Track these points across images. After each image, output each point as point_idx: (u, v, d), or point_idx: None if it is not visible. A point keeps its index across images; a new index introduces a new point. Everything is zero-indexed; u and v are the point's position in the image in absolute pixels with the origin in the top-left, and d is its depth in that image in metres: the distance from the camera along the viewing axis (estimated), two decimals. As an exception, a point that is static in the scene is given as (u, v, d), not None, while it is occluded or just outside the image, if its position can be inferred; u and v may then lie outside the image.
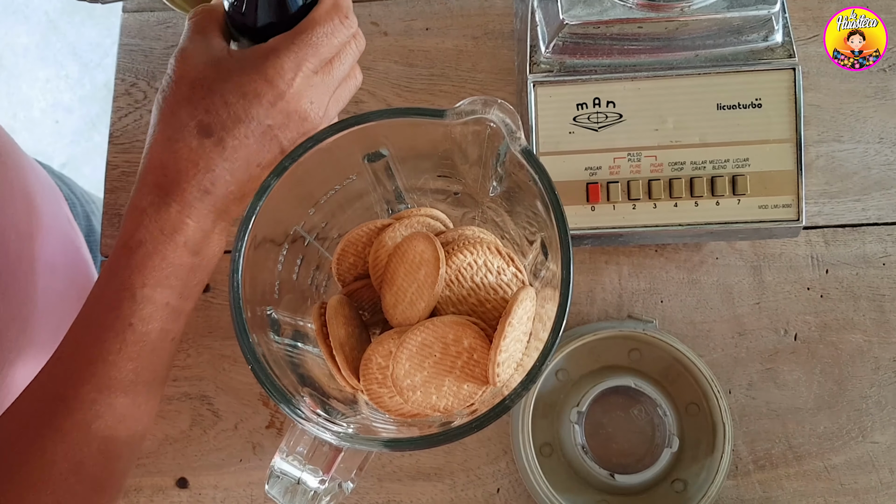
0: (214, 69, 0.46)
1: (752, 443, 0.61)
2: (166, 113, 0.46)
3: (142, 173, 0.47)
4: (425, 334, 0.45)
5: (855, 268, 0.63)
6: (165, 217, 0.45)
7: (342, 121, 0.42)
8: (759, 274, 0.64)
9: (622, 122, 0.57)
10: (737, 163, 0.56)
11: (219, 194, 0.46)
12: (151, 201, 0.45)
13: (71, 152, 1.91)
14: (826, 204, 0.64)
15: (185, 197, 0.45)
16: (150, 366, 0.48)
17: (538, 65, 0.57)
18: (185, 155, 0.45)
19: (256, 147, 0.46)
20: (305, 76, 0.47)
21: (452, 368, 0.45)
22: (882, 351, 0.62)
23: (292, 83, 0.46)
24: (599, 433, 0.60)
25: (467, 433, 0.38)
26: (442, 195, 0.53)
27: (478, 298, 0.48)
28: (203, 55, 0.47)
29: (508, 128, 0.40)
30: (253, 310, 0.42)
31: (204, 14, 0.50)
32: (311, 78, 0.47)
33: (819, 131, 0.65)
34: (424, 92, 0.69)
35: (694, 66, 0.56)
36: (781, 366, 0.62)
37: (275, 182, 0.42)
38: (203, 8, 0.51)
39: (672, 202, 0.57)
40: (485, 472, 0.61)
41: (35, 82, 1.96)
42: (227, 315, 0.66)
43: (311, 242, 0.50)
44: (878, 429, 0.61)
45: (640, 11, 0.53)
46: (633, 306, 0.64)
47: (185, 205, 0.45)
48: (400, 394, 0.45)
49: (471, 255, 0.47)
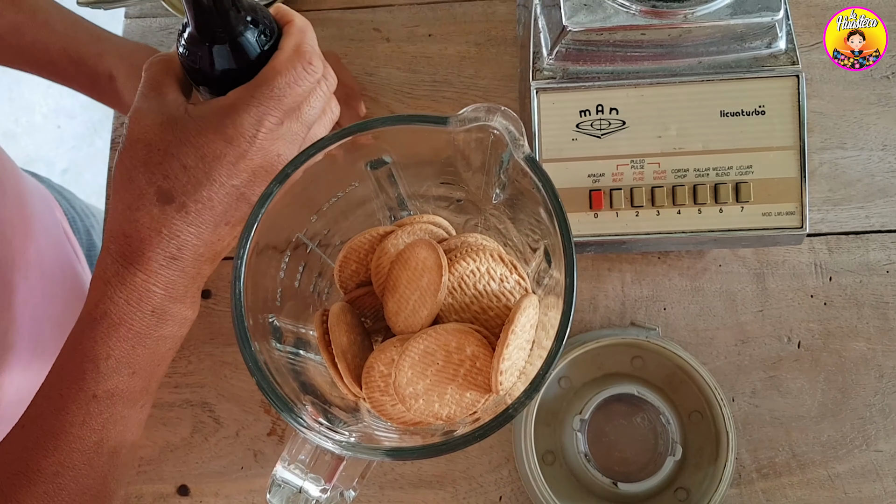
0: (171, 130, 0.44)
1: (755, 451, 0.60)
2: (124, 178, 0.44)
3: (105, 241, 0.45)
4: (428, 342, 0.45)
5: (858, 275, 0.63)
6: (131, 286, 0.43)
7: (345, 128, 0.42)
8: (763, 281, 0.63)
9: (625, 129, 0.57)
10: (740, 170, 0.56)
11: (187, 259, 0.45)
12: (116, 271, 0.43)
13: (72, 158, 1.91)
14: (829, 211, 0.64)
15: (151, 265, 0.43)
16: (117, 436, 0.45)
17: (541, 71, 0.57)
18: (147, 223, 0.43)
19: (223, 208, 0.45)
20: (269, 130, 0.44)
21: (455, 376, 0.45)
22: (886, 359, 0.61)
23: (254, 140, 0.44)
24: (602, 441, 0.59)
25: (470, 442, 0.37)
26: (444, 202, 0.53)
27: (480, 306, 0.47)
28: (158, 114, 0.44)
29: (512, 135, 0.40)
30: (255, 317, 0.41)
31: (160, 65, 0.47)
32: (275, 131, 0.45)
33: (822, 138, 0.65)
34: (427, 98, 0.69)
35: (697, 73, 0.56)
36: (785, 374, 0.62)
37: (277, 189, 0.42)
38: (158, 58, 0.47)
39: (675, 209, 0.57)
40: (487, 480, 0.61)
41: (37, 87, 1.96)
42: (229, 322, 0.65)
43: (314, 249, 0.50)
44: (883, 437, 0.60)
45: (643, 18, 0.53)
46: (636, 314, 0.63)
47: (150, 273, 0.43)
48: (402, 402, 0.44)
49: (473, 263, 0.47)
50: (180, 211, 0.43)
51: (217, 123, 0.43)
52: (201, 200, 0.43)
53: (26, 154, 1.92)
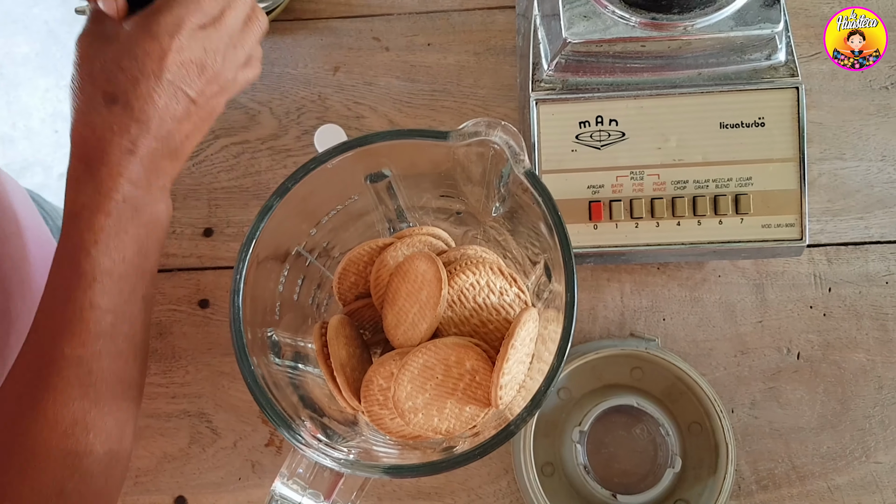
0: (108, 42, 0.48)
1: (754, 463, 0.60)
2: (77, 93, 0.48)
3: (71, 148, 0.49)
4: (427, 356, 0.45)
5: (858, 286, 0.63)
6: (98, 180, 0.47)
7: (345, 142, 0.42)
8: (762, 292, 0.63)
9: (625, 141, 0.57)
10: (740, 182, 0.56)
11: (143, 152, 0.48)
12: (83, 170, 0.48)
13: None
14: (829, 222, 0.64)
15: (110, 159, 0.47)
16: (128, 318, 0.49)
17: (541, 82, 0.57)
18: (100, 124, 0.47)
19: (164, 102, 0.48)
20: (190, 31, 0.48)
21: (454, 391, 0.44)
22: (885, 370, 0.61)
23: (175, 36, 0.47)
24: (601, 453, 0.59)
25: (470, 460, 0.37)
26: (444, 214, 0.52)
27: (480, 319, 0.47)
28: (100, 34, 0.49)
29: (512, 150, 0.40)
30: (253, 332, 0.41)
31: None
32: (197, 32, 0.48)
33: (822, 149, 0.65)
34: (426, 107, 0.68)
35: (697, 85, 0.56)
36: (784, 385, 0.62)
37: (277, 202, 0.42)
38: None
39: (675, 221, 0.57)
40: (486, 491, 0.61)
41: (35, 91, 1.96)
42: (226, 331, 0.65)
43: (313, 262, 0.50)
44: (882, 449, 0.60)
45: (642, 30, 0.53)
46: (636, 324, 0.63)
47: (112, 166, 0.47)
48: (401, 416, 0.44)
49: (473, 276, 0.47)
50: (126, 108, 0.47)
51: (143, 24, 0.47)
52: (141, 97, 0.47)
53: (23, 158, 1.91)
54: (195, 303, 0.66)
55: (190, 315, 0.66)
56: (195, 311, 0.66)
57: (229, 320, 0.40)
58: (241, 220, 0.67)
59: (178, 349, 0.65)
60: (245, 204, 0.68)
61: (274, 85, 0.70)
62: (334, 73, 0.70)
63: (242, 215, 0.68)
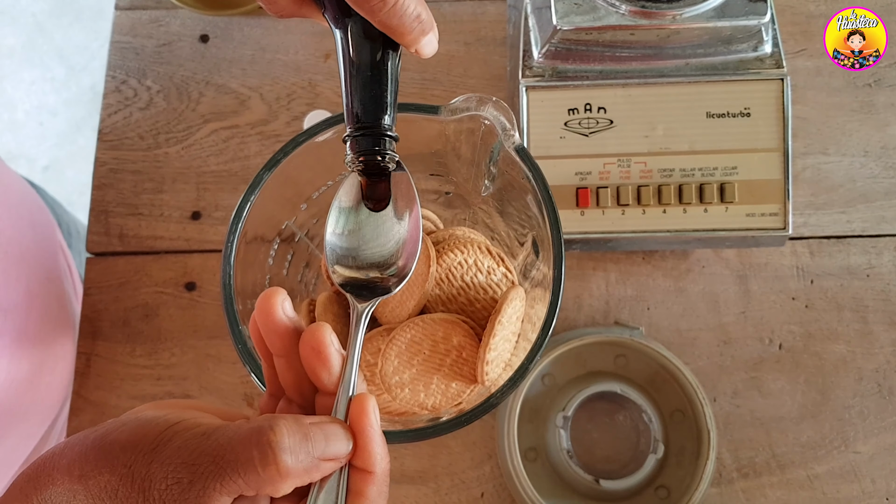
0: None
1: (735, 451, 0.61)
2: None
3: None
4: (414, 332, 0.45)
5: (840, 279, 0.64)
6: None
7: (335, 116, 0.42)
8: (745, 283, 0.64)
9: (613, 128, 0.57)
10: (725, 171, 0.57)
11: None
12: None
13: (55, 155, 1.89)
14: (812, 215, 0.65)
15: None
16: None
17: (531, 69, 0.58)
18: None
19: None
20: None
21: (441, 366, 0.45)
22: (865, 362, 0.62)
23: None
24: (585, 438, 0.60)
25: (455, 427, 0.38)
26: (433, 195, 0.53)
27: (467, 297, 0.48)
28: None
29: (502, 125, 0.40)
30: (244, 302, 0.41)
31: None
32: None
33: (805, 143, 0.66)
34: (416, 96, 0.69)
35: (685, 75, 0.57)
36: (766, 375, 0.62)
37: (267, 176, 0.42)
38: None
39: (661, 208, 0.57)
40: (469, 476, 0.61)
41: (20, 84, 1.95)
42: (213, 314, 0.65)
43: (302, 238, 0.50)
44: (861, 439, 0.61)
45: (632, 18, 0.54)
46: (620, 313, 0.64)
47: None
48: (388, 391, 0.44)
49: (461, 255, 0.47)
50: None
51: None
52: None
53: (7, 150, 1.90)
54: (182, 285, 0.66)
55: (176, 298, 0.65)
56: (181, 294, 0.66)
57: (220, 291, 0.40)
58: (230, 204, 0.68)
59: (164, 331, 0.65)
60: (234, 188, 0.68)
61: (264, 70, 0.70)
62: (325, 60, 0.70)
63: (231, 199, 0.68)
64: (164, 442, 0.28)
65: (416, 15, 0.35)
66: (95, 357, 0.64)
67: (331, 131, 0.43)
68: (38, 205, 0.71)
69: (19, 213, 0.64)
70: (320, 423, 0.30)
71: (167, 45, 0.72)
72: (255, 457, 0.27)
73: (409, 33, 0.35)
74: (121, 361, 0.64)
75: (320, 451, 0.29)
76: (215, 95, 0.70)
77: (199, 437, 0.28)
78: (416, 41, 0.36)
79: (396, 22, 0.34)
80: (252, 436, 0.28)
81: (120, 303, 0.66)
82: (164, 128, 0.69)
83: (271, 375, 0.34)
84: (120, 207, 0.68)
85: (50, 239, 0.70)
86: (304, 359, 0.32)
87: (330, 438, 0.29)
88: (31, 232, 0.65)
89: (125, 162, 0.69)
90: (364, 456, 0.30)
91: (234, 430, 0.28)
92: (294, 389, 0.33)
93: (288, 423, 0.28)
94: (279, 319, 0.31)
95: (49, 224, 0.72)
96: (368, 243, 0.37)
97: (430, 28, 0.37)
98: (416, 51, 0.37)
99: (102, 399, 0.63)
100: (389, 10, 0.34)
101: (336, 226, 0.37)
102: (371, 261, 0.36)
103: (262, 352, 0.33)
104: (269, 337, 0.32)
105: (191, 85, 0.70)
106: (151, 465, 0.27)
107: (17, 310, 0.58)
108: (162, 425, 0.29)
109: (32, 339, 0.60)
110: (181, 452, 0.27)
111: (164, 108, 0.70)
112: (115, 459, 0.28)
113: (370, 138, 0.36)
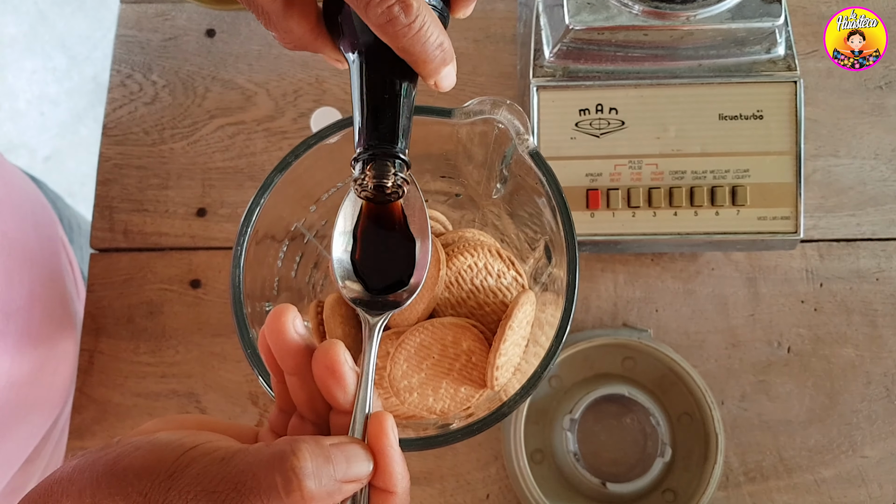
0: None
1: (743, 454, 0.61)
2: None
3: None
4: (424, 335, 0.45)
5: (849, 282, 0.63)
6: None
7: (344, 119, 0.42)
8: (754, 286, 0.64)
9: (624, 129, 0.57)
10: (737, 173, 0.56)
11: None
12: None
13: (56, 145, 1.88)
14: (822, 218, 0.64)
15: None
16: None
17: (542, 69, 0.57)
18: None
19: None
20: None
21: (450, 371, 0.44)
22: (874, 366, 0.62)
23: None
24: (592, 441, 0.59)
25: (466, 436, 0.37)
26: (443, 196, 0.52)
27: (477, 301, 0.47)
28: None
29: (517, 129, 0.40)
30: (252, 305, 0.41)
31: None
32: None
33: (816, 146, 0.66)
34: (423, 93, 0.68)
35: (697, 76, 0.56)
36: (774, 378, 0.62)
37: (278, 178, 0.42)
38: None
39: (672, 211, 0.57)
40: (475, 477, 0.61)
41: (21, 73, 1.94)
42: (218, 312, 0.65)
43: (311, 240, 0.50)
44: (869, 443, 0.61)
45: (645, 19, 0.53)
46: (629, 315, 0.63)
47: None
48: (396, 395, 0.44)
49: (471, 258, 0.47)
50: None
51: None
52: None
53: (8, 140, 1.89)
54: (187, 283, 0.65)
55: (181, 295, 0.65)
56: (186, 291, 0.65)
57: (230, 293, 0.40)
58: (235, 200, 0.67)
59: (169, 329, 0.64)
60: (239, 185, 0.67)
61: (271, 66, 0.70)
62: (332, 56, 0.69)
63: (237, 196, 0.67)
64: (181, 468, 0.27)
65: (439, 43, 0.34)
66: (98, 354, 0.64)
67: (341, 133, 0.42)
68: (41, 203, 0.71)
69: (22, 213, 0.63)
70: (340, 445, 0.29)
71: (173, 39, 0.71)
72: (279, 483, 0.26)
73: (431, 62, 0.34)
74: (124, 359, 0.64)
75: (342, 474, 0.28)
76: (221, 91, 0.70)
77: (218, 462, 0.27)
78: (436, 71, 0.35)
79: (419, 49, 0.33)
80: (274, 461, 0.27)
81: (124, 299, 0.65)
82: (170, 123, 0.69)
83: (281, 391, 0.33)
84: (124, 203, 0.67)
85: (52, 238, 0.70)
86: (317, 378, 0.31)
87: (351, 460, 0.29)
88: (35, 233, 0.64)
89: (130, 157, 0.68)
90: (385, 476, 0.30)
91: (254, 455, 0.27)
92: (307, 407, 0.32)
93: (310, 447, 0.28)
94: (291, 339, 0.31)
95: (51, 223, 0.72)
96: (378, 264, 0.36)
97: (451, 59, 0.35)
98: (434, 83, 0.35)
99: (105, 396, 0.63)
100: (413, 37, 0.32)
101: (345, 245, 0.36)
102: (383, 284, 0.36)
103: (272, 368, 0.33)
104: (281, 356, 0.31)
105: (197, 80, 0.70)
106: (169, 492, 0.27)
107: (21, 311, 0.58)
108: (178, 450, 0.28)
109: (35, 339, 0.59)
110: (200, 479, 0.27)
111: (170, 103, 0.69)
112: (130, 486, 0.27)
113: (382, 164, 0.34)
